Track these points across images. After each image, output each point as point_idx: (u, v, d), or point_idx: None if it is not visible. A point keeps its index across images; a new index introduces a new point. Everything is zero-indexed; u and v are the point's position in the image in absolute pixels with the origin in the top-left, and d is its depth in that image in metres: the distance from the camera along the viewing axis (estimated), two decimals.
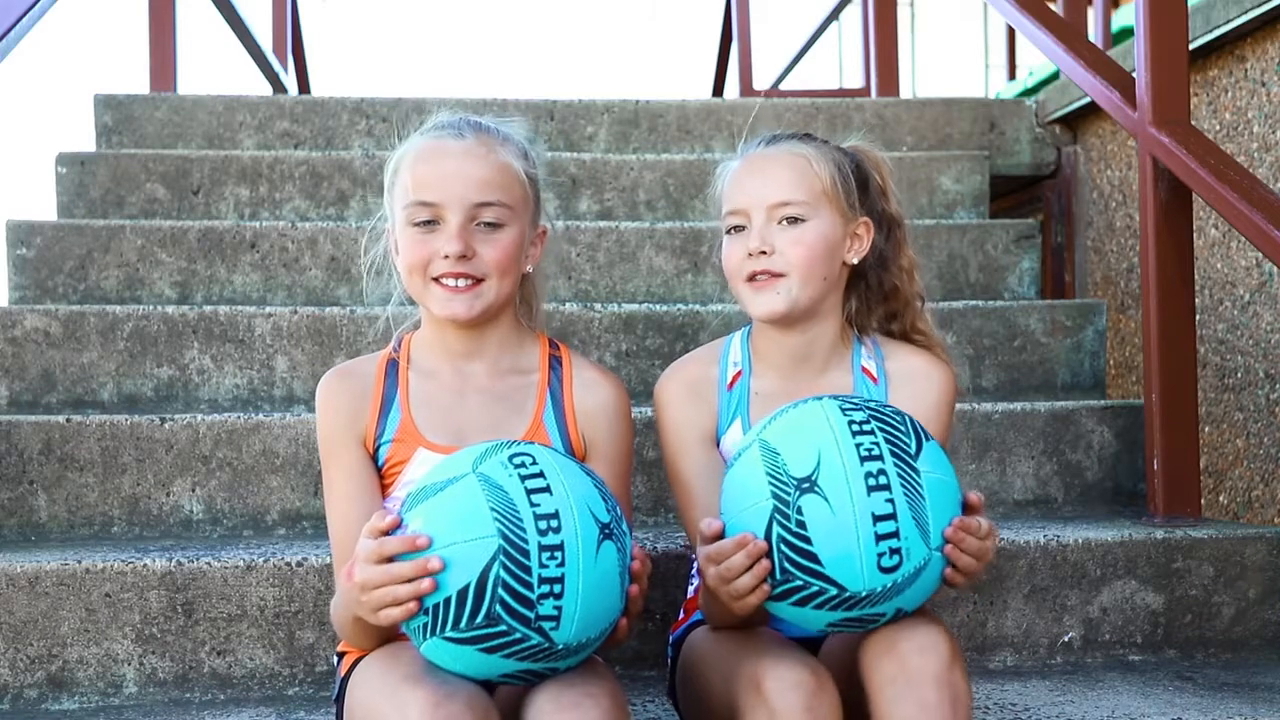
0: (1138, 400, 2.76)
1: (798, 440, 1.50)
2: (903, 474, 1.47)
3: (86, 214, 3.19)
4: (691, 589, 1.91)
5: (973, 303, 2.92)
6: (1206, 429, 3.15)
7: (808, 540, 1.46)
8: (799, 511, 1.46)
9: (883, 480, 1.46)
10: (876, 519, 1.45)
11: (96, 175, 3.21)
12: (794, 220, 1.76)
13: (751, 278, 1.77)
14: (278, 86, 4.61)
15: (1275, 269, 2.90)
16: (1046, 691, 2.08)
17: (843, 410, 1.52)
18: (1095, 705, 1.99)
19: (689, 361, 1.89)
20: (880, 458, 1.47)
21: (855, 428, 1.50)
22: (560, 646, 1.43)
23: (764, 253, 1.75)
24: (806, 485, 1.47)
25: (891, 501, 1.46)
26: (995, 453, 2.59)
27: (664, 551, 2.13)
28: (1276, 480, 2.92)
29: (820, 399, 1.56)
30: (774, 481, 1.49)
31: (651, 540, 2.19)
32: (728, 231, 1.81)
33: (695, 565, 1.90)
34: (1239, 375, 3.06)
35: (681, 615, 1.91)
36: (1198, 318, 2.97)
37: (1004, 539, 2.26)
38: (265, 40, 4.53)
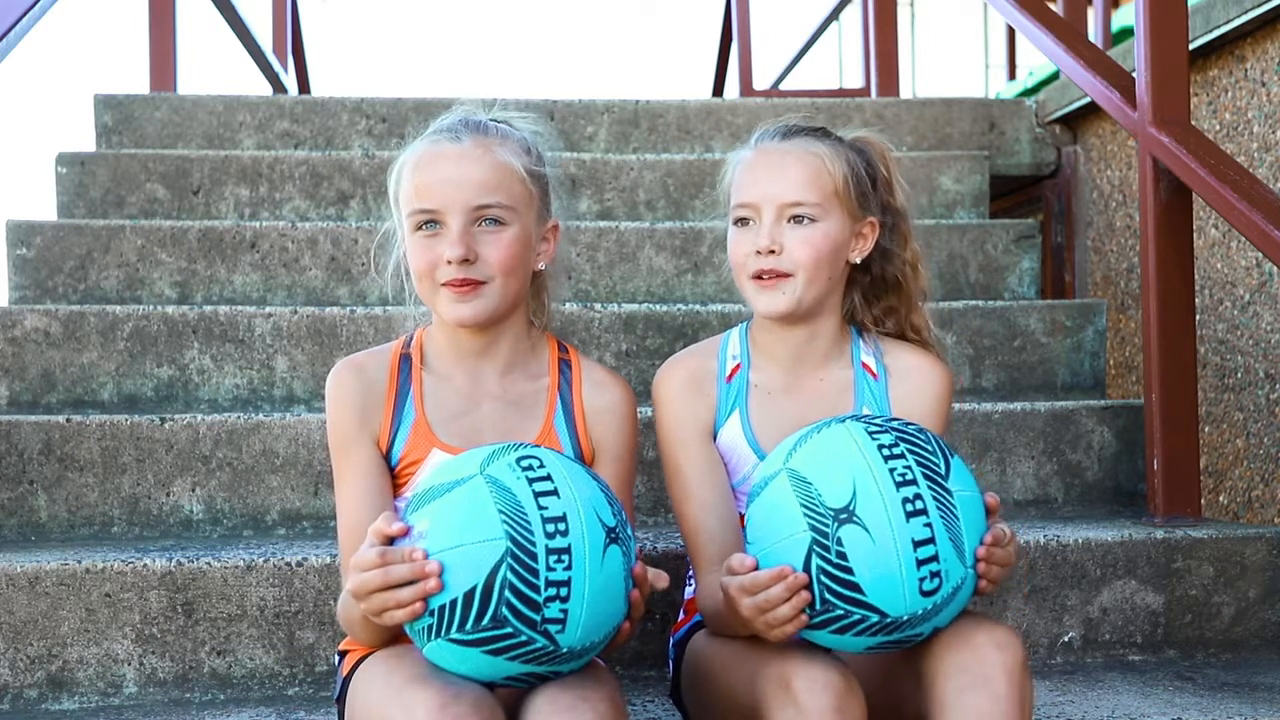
0: (1138, 400, 2.76)
1: (829, 468, 1.49)
2: (937, 496, 1.47)
3: (86, 214, 3.19)
4: (689, 590, 1.90)
5: (973, 303, 2.92)
6: (1206, 429, 3.15)
7: (849, 570, 1.46)
8: (839, 543, 1.46)
9: (919, 505, 1.46)
10: (916, 544, 1.45)
11: (96, 175, 3.21)
12: (803, 220, 1.75)
13: (758, 276, 1.76)
14: (278, 86, 4.61)
15: (1275, 269, 2.90)
16: (1046, 691, 2.08)
17: (870, 434, 1.51)
18: (1095, 705, 1.99)
19: (687, 355, 1.87)
20: (914, 482, 1.47)
21: (886, 452, 1.49)
22: (565, 649, 1.43)
23: (772, 251, 1.74)
24: (845, 516, 1.46)
25: (929, 525, 1.46)
26: (995, 453, 2.59)
27: (664, 551, 2.13)
28: (1276, 480, 2.92)
29: (843, 421, 1.55)
30: (810, 513, 1.48)
31: (651, 540, 2.19)
32: (735, 222, 1.79)
33: (691, 568, 1.90)
34: (1239, 375, 3.06)
35: (682, 616, 1.90)
36: (1198, 318, 2.97)
37: None
38: (265, 40, 4.53)
